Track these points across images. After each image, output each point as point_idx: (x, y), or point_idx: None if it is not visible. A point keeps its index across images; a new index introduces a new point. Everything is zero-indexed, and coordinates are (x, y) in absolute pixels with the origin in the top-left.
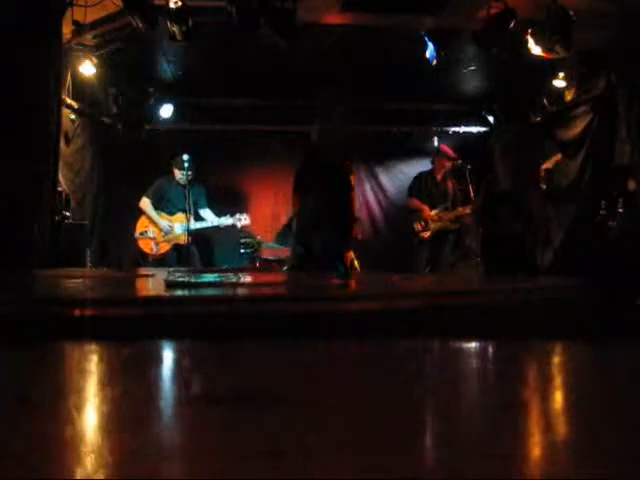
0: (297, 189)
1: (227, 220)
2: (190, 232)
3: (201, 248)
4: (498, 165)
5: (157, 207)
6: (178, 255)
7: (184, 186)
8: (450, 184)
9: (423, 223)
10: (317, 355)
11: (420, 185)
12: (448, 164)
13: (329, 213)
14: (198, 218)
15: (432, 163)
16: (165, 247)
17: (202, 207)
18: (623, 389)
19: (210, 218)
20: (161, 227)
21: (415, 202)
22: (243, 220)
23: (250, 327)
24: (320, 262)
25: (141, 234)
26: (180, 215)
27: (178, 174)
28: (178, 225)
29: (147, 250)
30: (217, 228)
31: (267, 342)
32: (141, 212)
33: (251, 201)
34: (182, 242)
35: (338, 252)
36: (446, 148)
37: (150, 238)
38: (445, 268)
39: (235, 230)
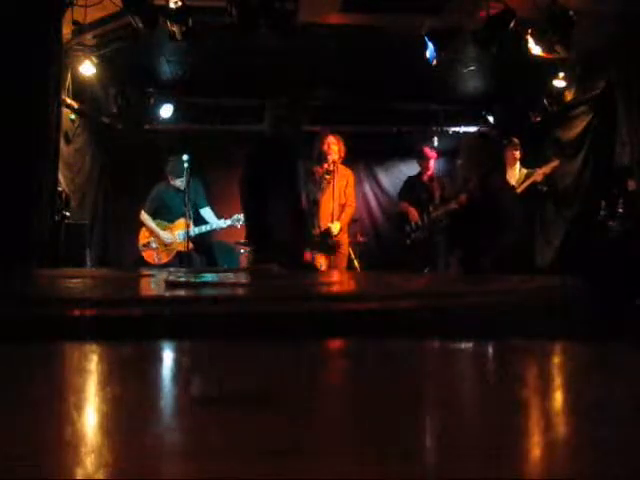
0: (252, 190)
1: (225, 223)
2: (191, 238)
3: (201, 251)
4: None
5: (157, 216)
6: (180, 262)
7: (182, 191)
8: (437, 184)
9: (413, 225)
10: (317, 355)
11: (408, 189)
12: (432, 165)
13: (283, 213)
14: (199, 219)
15: (419, 166)
16: (167, 257)
17: (202, 207)
18: (623, 389)
19: (211, 220)
20: (163, 239)
21: (404, 205)
22: (242, 221)
23: (250, 327)
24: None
25: (144, 245)
26: (181, 221)
27: (172, 180)
28: (179, 233)
29: (150, 260)
30: (216, 230)
31: (267, 342)
32: (142, 223)
33: None
34: (183, 249)
35: (295, 253)
36: (427, 150)
37: (153, 249)
38: (442, 268)
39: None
